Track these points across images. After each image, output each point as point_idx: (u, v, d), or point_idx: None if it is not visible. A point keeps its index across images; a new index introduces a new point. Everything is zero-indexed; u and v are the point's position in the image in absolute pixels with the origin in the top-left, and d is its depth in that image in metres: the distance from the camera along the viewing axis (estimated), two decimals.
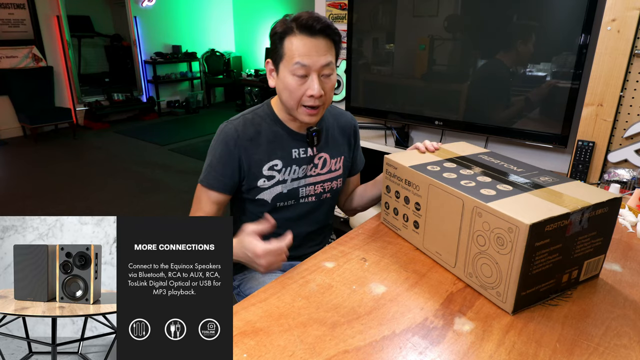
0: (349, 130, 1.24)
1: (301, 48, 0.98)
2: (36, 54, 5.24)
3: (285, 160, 1.12)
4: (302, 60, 0.98)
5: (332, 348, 0.67)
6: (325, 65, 1.00)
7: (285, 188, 1.13)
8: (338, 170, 1.21)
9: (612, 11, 1.41)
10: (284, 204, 1.14)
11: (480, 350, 0.66)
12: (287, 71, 1.01)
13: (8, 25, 5.02)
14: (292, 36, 0.99)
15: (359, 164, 1.31)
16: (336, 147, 1.20)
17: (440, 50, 2.07)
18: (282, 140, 1.12)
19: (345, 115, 1.26)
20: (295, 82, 1.01)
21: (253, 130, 1.09)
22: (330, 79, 1.04)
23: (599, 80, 1.48)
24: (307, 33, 0.98)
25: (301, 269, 0.89)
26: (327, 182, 1.19)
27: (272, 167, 1.10)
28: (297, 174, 1.13)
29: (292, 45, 0.99)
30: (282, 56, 1.01)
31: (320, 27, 0.98)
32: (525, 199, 0.77)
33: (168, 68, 6.81)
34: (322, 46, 1.00)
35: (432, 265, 0.91)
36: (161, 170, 4.22)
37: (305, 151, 1.14)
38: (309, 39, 0.98)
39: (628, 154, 1.49)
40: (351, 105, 2.41)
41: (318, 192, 1.18)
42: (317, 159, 1.16)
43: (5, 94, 5.06)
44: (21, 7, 5.09)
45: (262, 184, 1.10)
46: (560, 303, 0.78)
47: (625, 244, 1.01)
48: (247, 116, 1.11)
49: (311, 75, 1.00)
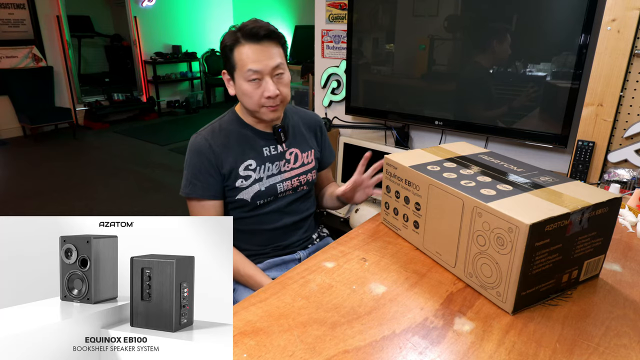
0: (315, 126, 1.32)
1: (251, 55, 1.05)
2: (36, 54, 5.24)
3: (258, 159, 1.17)
4: (253, 67, 1.05)
5: (332, 348, 0.67)
6: (275, 66, 1.08)
7: (262, 186, 1.18)
8: (311, 163, 1.28)
9: (612, 11, 1.41)
10: (263, 201, 1.20)
11: (480, 350, 0.66)
12: (242, 79, 1.08)
13: (8, 25, 5.02)
14: (240, 46, 1.06)
15: (328, 158, 1.37)
16: (305, 142, 1.27)
17: (440, 50, 2.07)
18: (251, 140, 1.18)
19: (311, 114, 1.34)
20: (251, 87, 1.08)
21: (222, 136, 1.16)
22: (283, 77, 1.11)
23: (599, 80, 1.48)
24: (253, 40, 1.06)
25: (301, 269, 0.89)
26: (302, 175, 1.25)
27: (247, 167, 1.16)
28: (271, 171, 1.19)
29: (241, 54, 1.06)
30: (235, 66, 1.08)
31: (265, 33, 1.06)
32: (525, 199, 0.77)
33: (168, 68, 6.81)
34: (270, 50, 1.07)
35: (432, 265, 0.91)
36: (161, 170, 4.22)
37: (275, 148, 1.20)
38: (256, 45, 1.06)
39: (628, 154, 1.49)
40: (351, 105, 2.41)
41: (295, 185, 1.24)
42: (289, 155, 1.22)
43: (5, 94, 5.06)
44: (21, 7, 5.09)
45: (241, 184, 1.16)
46: (560, 303, 0.78)
47: (625, 244, 1.01)
48: (214, 125, 1.19)
49: (265, 79, 1.07)
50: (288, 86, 1.14)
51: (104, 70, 7.34)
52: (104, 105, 5.96)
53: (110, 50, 7.28)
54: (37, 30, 5.25)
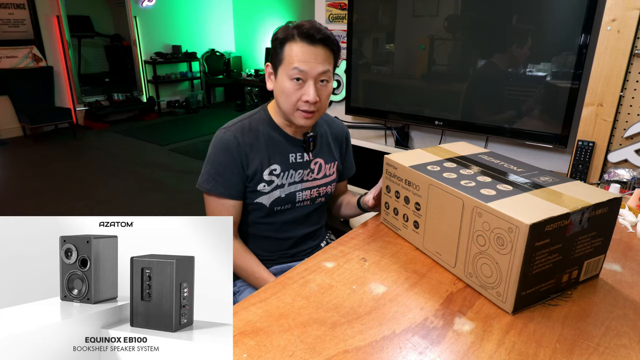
0: (341, 137, 1.28)
1: (300, 54, 1.01)
2: (36, 54, 5.24)
3: (284, 165, 1.14)
4: (300, 66, 1.01)
5: (332, 348, 0.67)
6: (322, 72, 1.04)
7: (283, 192, 1.15)
8: (332, 175, 1.24)
9: (612, 11, 1.42)
10: (280, 208, 1.16)
11: (480, 350, 0.66)
12: (285, 75, 1.04)
13: (8, 25, 5.02)
14: (292, 42, 1.02)
15: (349, 170, 1.34)
16: (330, 153, 1.23)
17: (440, 50, 2.07)
18: (279, 145, 1.14)
19: (338, 123, 1.30)
20: (292, 86, 1.03)
21: (252, 136, 1.11)
22: (326, 86, 1.07)
23: (599, 80, 1.48)
24: (307, 41, 1.02)
25: (301, 269, 0.89)
26: (323, 186, 1.22)
27: (271, 171, 1.12)
28: (294, 179, 1.16)
29: (292, 51, 1.02)
30: (282, 61, 1.04)
31: (320, 37, 1.02)
32: (525, 199, 0.77)
33: (168, 68, 6.81)
34: (321, 55, 1.03)
35: (432, 265, 0.91)
36: (161, 170, 4.22)
37: (302, 156, 1.16)
38: (309, 46, 1.02)
39: (628, 154, 1.49)
40: (351, 105, 2.41)
41: (314, 196, 1.21)
42: (314, 164, 1.19)
43: (5, 94, 5.06)
44: (21, 7, 5.09)
45: (262, 189, 1.12)
46: (560, 303, 0.78)
47: (625, 244, 1.01)
48: (244, 122, 1.13)
49: (308, 82, 1.03)
50: (329, 97, 1.10)
51: (104, 70, 7.34)
52: (104, 105, 5.96)
53: (110, 50, 7.28)
54: (37, 30, 5.25)
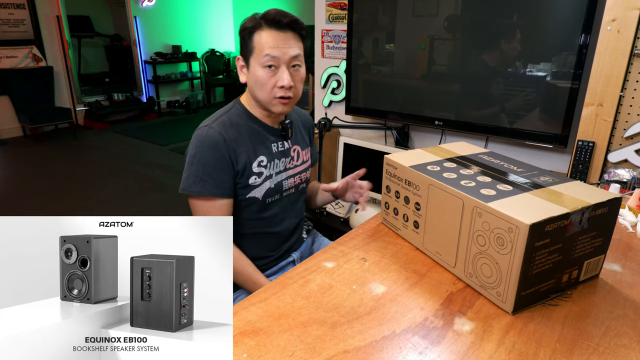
0: (309, 124, 1.32)
1: (270, 41, 1.02)
2: (36, 54, 5.24)
3: (269, 155, 1.15)
4: (271, 52, 1.02)
5: (332, 348, 0.67)
6: (294, 56, 1.04)
7: (272, 183, 1.16)
8: (308, 161, 1.28)
9: (612, 11, 1.41)
10: (271, 199, 1.17)
11: (480, 350, 0.66)
12: (258, 64, 1.04)
13: (8, 25, 5.02)
14: (260, 30, 1.03)
15: (315, 157, 1.37)
16: (303, 140, 1.27)
17: (440, 50, 2.07)
18: (261, 136, 1.14)
19: (303, 112, 1.34)
20: (265, 74, 1.04)
21: (234, 130, 1.10)
22: (299, 71, 1.07)
23: (599, 80, 1.48)
24: (275, 27, 1.02)
25: (301, 269, 0.89)
26: (303, 172, 1.25)
27: (259, 163, 1.13)
28: (279, 168, 1.17)
29: (261, 39, 1.03)
30: (252, 50, 1.04)
31: (288, 21, 1.03)
32: (525, 199, 0.77)
33: (168, 68, 6.82)
34: (291, 39, 1.04)
35: (432, 265, 0.91)
36: (161, 170, 4.22)
37: (282, 144, 1.18)
38: (278, 32, 1.03)
39: (628, 154, 1.49)
40: (351, 105, 2.41)
41: (297, 183, 1.23)
42: (292, 152, 1.21)
43: (5, 94, 5.06)
44: (21, 7, 5.09)
45: (254, 182, 1.12)
46: (560, 303, 0.78)
47: (625, 244, 1.01)
48: (224, 118, 1.11)
49: (281, 67, 1.04)
50: (302, 82, 1.10)
51: (104, 70, 7.34)
52: (104, 105, 5.96)
53: (110, 50, 7.28)
54: (37, 30, 5.25)
